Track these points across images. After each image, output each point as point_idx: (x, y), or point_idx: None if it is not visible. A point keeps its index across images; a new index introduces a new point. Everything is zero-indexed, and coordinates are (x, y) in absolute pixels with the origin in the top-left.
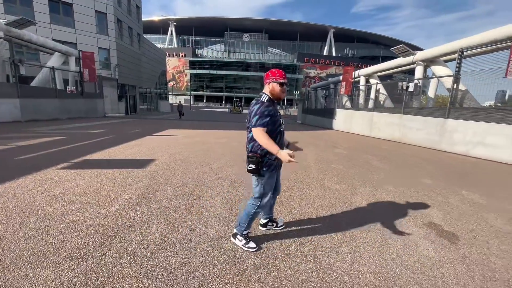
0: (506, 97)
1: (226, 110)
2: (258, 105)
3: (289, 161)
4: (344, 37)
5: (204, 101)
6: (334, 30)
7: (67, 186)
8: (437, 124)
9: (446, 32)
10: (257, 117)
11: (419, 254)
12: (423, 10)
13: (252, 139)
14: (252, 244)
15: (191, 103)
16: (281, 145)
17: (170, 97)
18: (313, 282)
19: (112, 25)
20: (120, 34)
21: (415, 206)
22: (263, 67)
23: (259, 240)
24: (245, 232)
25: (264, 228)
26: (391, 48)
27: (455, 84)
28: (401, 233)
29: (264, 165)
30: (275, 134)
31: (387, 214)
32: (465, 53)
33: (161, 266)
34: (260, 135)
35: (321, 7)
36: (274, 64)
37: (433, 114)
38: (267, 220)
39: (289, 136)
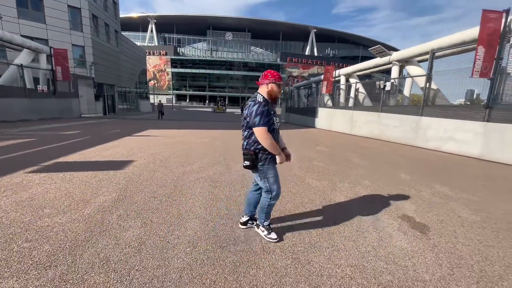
0: (474, 96)
1: (210, 109)
2: (257, 106)
3: (280, 163)
4: (325, 37)
5: (187, 100)
6: (315, 30)
7: (35, 191)
8: (412, 121)
9: (420, 33)
10: (259, 117)
11: (392, 246)
12: (399, 13)
13: (247, 137)
14: (273, 235)
15: (173, 102)
16: (276, 142)
17: (151, 97)
18: (291, 278)
19: (87, 21)
20: (96, 30)
21: (390, 200)
22: (247, 66)
23: (238, 239)
24: (265, 224)
25: (244, 227)
26: (369, 49)
27: (428, 84)
28: (376, 226)
29: (259, 160)
30: (270, 132)
31: (364, 208)
32: (436, 54)
33: (137, 269)
34: (264, 135)
35: (303, 7)
36: (257, 64)
37: (409, 112)
38: (248, 218)
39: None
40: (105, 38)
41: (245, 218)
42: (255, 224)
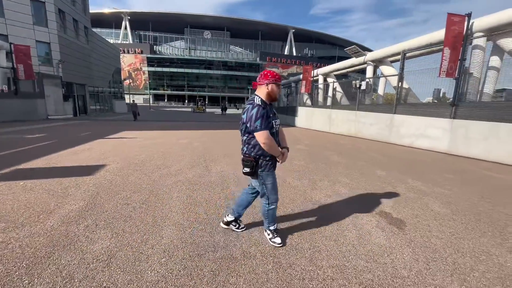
0: (441, 94)
1: (189, 109)
2: (256, 109)
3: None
4: (303, 37)
5: (165, 100)
6: (294, 30)
7: None
8: (387, 119)
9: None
10: (259, 120)
11: (372, 243)
12: (373, 15)
13: (247, 142)
14: (277, 240)
15: (151, 102)
16: (277, 143)
17: (127, 97)
18: (273, 284)
19: (53, 15)
20: (63, 26)
21: (368, 197)
22: (226, 65)
23: (217, 245)
24: (271, 228)
25: (226, 227)
26: (345, 49)
27: (400, 83)
28: (356, 224)
29: (260, 166)
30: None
31: (344, 206)
32: (407, 55)
33: (104, 287)
34: (267, 139)
35: (281, 8)
36: (237, 63)
37: (383, 110)
38: (233, 219)
39: None
40: (74, 35)
41: (229, 218)
42: (240, 227)
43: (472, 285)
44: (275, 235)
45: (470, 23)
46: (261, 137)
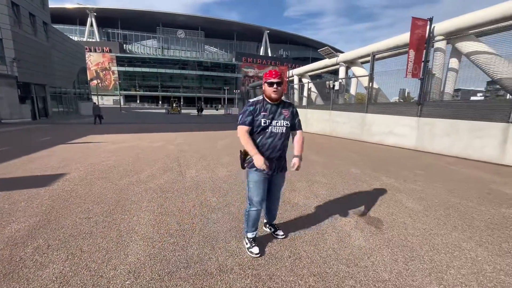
0: (406, 94)
1: (163, 111)
2: (246, 104)
3: (261, 167)
4: (278, 38)
5: (138, 101)
6: (268, 31)
7: None
8: (359, 118)
9: (360, 39)
10: (241, 115)
11: (352, 245)
12: (343, 19)
13: None
14: (255, 250)
15: (122, 104)
16: (271, 147)
17: (94, 98)
18: None
19: (4, 9)
20: (17, 21)
21: (346, 197)
22: (201, 65)
23: (191, 259)
24: (249, 235)
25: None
26: (318, 50)
27: (370, 83)
28: (335, 226)
29: (246, 161)
30: (256, 135)
31: (323, 208)
32: (376, 56)
33: None
34: (240, 134)
35: (256, 9)
36: (212, 63)
37: (356, 110)
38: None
39: (226, 135)
40: (30, 30)
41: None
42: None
43: (450, 283)
44: (253, 244)
45: (432, 27)
46: (237, 131)
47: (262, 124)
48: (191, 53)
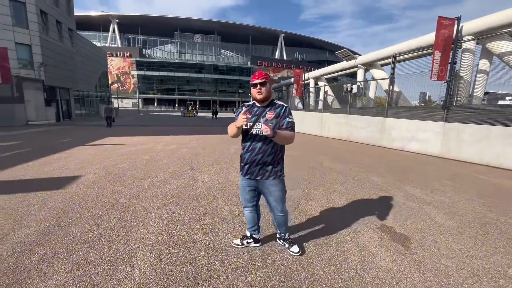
0: (427, 98)
1: (180, 113)
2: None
3: (241, 122)
4: (293, 42)
5: (155, 104)
6: (284, 35)
7: None
8: (378, 122)
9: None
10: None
11: (377, 267)
12: (360, 21)
13: None
14: (238, 242)
15: (140, 106)
16: (250, 150)
17: (115, 101)
18: None
19: (34, 17)
20: (45, 28)
21: (367, 208)
22: (217, 69)
23: (199, 276)
24: (247, 231)
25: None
26: (336, 52)
27: (391, 86)
28: (357, 243)
29: (241, 161)
30: (243, 136)
31: (342, 220)
32: (398, 58)
33: None
34: (228, 130)
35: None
36: (228, 67)
37: (374, 114)
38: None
39: (239, 139)
40: (57, 37)
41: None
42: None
43: None
44: (249, 241)
45: (460, 27)
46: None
47: (244, 127)
48: (207, 57)
